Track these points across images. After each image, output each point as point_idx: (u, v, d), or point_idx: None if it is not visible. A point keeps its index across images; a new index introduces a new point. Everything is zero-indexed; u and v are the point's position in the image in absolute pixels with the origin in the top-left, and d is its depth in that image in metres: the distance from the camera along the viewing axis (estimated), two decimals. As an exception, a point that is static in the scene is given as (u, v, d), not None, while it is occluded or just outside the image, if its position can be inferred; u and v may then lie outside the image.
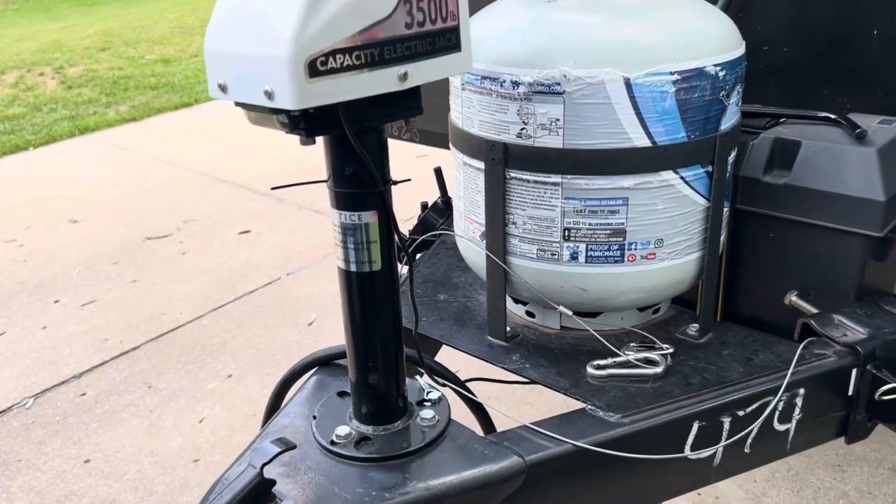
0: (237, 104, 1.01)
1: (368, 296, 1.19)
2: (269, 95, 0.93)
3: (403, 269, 1.94)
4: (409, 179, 1.18)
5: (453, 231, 1.70)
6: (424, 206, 2.14)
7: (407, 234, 2.06)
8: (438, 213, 2.10)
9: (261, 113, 1.00)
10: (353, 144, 1.04)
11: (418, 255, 2.00)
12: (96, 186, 5.92)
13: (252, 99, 0.96)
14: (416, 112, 1.10)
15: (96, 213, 5.39)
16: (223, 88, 1.00)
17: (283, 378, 1.49)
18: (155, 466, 2.99)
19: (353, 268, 1.17)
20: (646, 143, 1.35)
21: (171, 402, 3.35)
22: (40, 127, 7.37)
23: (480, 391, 1.56)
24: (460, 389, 1.43)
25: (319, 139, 1.07)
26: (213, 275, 4.43)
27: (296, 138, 1.00)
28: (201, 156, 6.45)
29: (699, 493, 2.67)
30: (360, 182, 1.11)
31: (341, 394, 1.36)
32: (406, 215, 2.22)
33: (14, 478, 2.98)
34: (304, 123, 0.99)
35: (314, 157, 1.19)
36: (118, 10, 14.76)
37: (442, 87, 1.60)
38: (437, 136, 2.30)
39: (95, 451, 3.09)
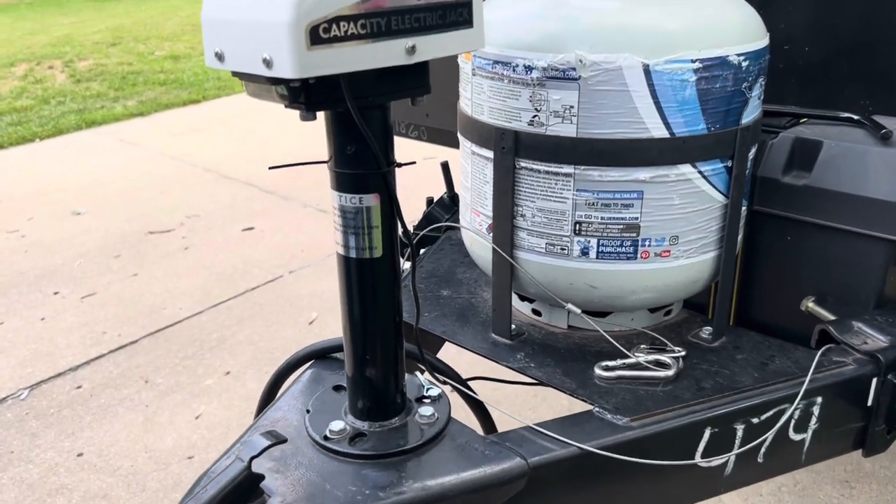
0: (234, 74, 0.95)
1: (368, 284, 1.13)
2: (268, 64, 0.87)
3: (406, 265, 1.89)
4: (413, 162, 1.12)
5: (460, 225, 1.64)
6: (430, 200, 2.09)
7: (411, 227, 2.00)
8: (444, 209, 2.05)
9: (259, 84, 0.94)
10: (357, 121, 0.98)
11: (422, 250, 1.94)
12: (101, 180, 5.90)
13: (250, 68, 0.90)
14: (424, 90, 1.05)
15: (100, 206, 5.36)
16: (220, 57, 0.94)
17: (277, 371, 1.44)
18: (149, 462, 2.94)
19: (352, 254, 1.11)
20: (664, 133, 1.29)
21: (168, 397, 3.31)
22: (47, 119, 7.35)
23: (482, 394, 1.50)
24: (461, 388, 1.37)
25: (321, 117, 1.01)
26: (214, 271, 4.39)
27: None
28: (207, 152, 6.42)
29: (703, 507, 2.60)
30: (362, 163, 1.05)
31: (337, 388, 1.30)
32: (412, 216, 2.17)
33: (5, 469, 2.94)
34: (305, 96, 0.94)
35: (322, 154, 1.13)
36: (130, 6, 14.81)
37: (452, 83, 1.55)
38: (446, 135, 2.25)
39: (89, 444, 3.05)
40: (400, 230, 1.13)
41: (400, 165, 1.09)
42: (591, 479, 1.22)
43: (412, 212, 2.21)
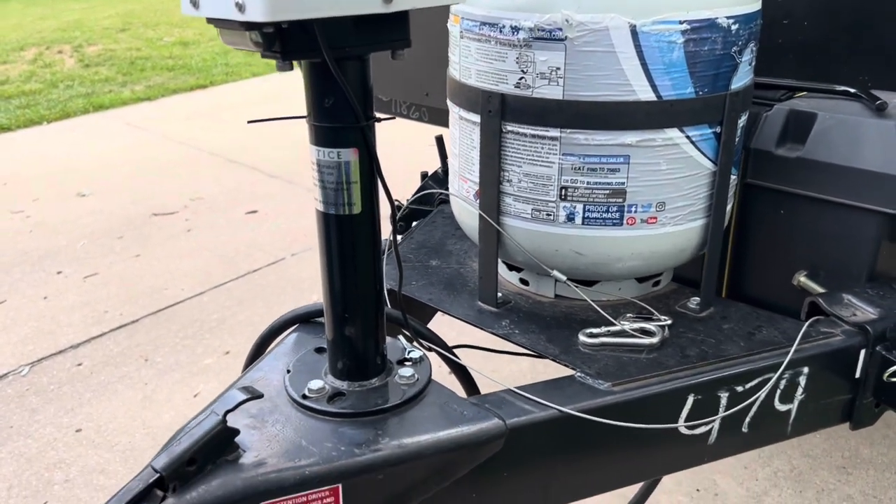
0: (209, 21, 0.95)
1: (347, 240, 1.12)
2: (241, 7, 0.87)
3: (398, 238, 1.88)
4: (392, 117, 1.11)
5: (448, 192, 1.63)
6: (424, 175, 2.08)
7: (405, 202, 2.00)
8: (438, 183, 2.04)
9: (234, 30, 0.93)
10: (333, 72, 0.97)
11: (414, 223, 1.93)
12: (107, 162, 5.92)
13: (223, 13, 0.89)
14: (404, 43, 1.04)
15: (105, 189, 5.39)
16: (194, 3, 0.93)
17: (261, 335, 1.43)
18: (146, 438, 2.96)
19: (331, 210, 1.11)
20: (650, 96, 1.27)
21: (167, 375, 3.32)
22: (56, 102, 7.39)
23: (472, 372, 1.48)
24: (444, 352, 1.36)
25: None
26: (216, 253, 4.40)
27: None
28: (213, 137, 6.43)
29: (698, 490, 2.59)
30: (340, 116, 1.04)
31: (319, 350, 1.30)
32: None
33: (4, 444, 2.96)
34: (280, 44, 0.93)
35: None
36: (141, -7, 14.83)
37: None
38: (448, 115, 2.23)
39: (88, 420, 3.07)
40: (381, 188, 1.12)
41: (379, 120, 1.08)
42: (572, 444, 1.22)
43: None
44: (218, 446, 1.03)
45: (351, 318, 1.17)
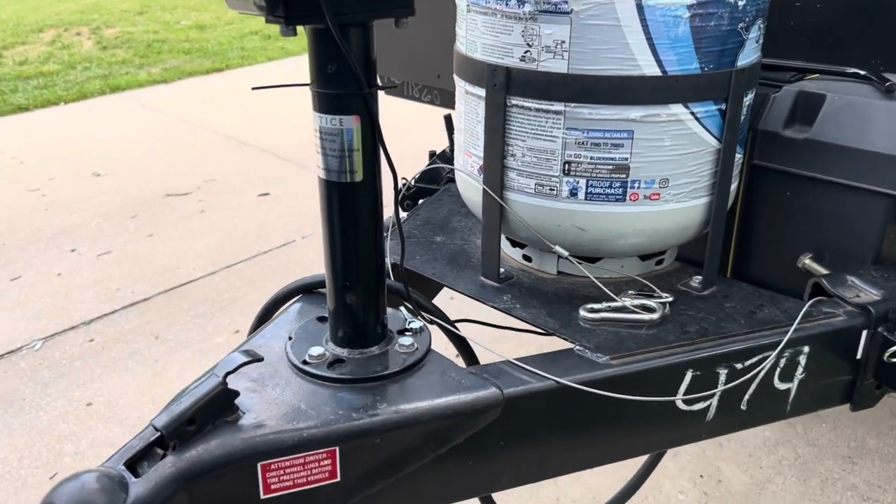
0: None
1: (348, 208, 1.13)
2: (244, -30, 0.87)
3: (403, 214, 1.89)
4: (395, 85, 1.11)
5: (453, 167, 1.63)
6: (432, 153, 2.08)
7: (412, 181, 2.01)
8: (445, 162, 2.04)
9: (238, -7, 0.94)
10: (336, 38, 0.98)
11: (421, 201, 1.94)
12: (122, 143, 5.97)
13: (228, -24, 0.90)
14: (407, 11, 1.04)
15: (120, 169, 5.43)
16: (200, -34, 0.94)
17: (265, 304, 1.45)
18: (155, 413, 2.99)
19: (333, 177, 1.12)
20: (655, 71, 1.27)
21: (177, 352, 3.36)
22: (73, 84, 7.44)
23: (475, 347, 1.49)
24: (445, 325, 1.37)
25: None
26: (228, 234, 4.43)
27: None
28: (228, 119, 6.46)
29: (701, 476, 2.60)
30: (342, 83, 1.05)
31: (321, 319, 1.31)
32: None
33: (17, 416, 3.01)
34: (283, 9, 0.94)
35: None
36: (159, -23, 14.85)
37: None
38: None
39: (98, 395, 3.11)
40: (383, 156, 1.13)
41: (382, 88, 1.09)
42: (569, 416, 1.22)
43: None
44: (218, 407, 1.05)
45: (352, 286, 1.18)
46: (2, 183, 5.22)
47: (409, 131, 3.98)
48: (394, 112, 3.39)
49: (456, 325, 1.41)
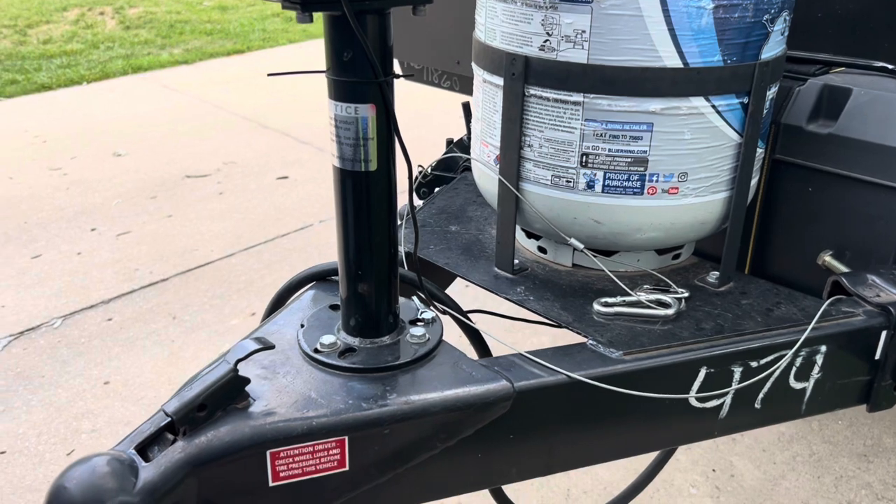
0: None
1: (362, 197, 1.13)
2: (260, -45, 0.86)
3: (419, 202, 1.88)
4: (411, 75, 1.10)
5: (469, 156, 1.62)
6: (449, 141, 2.07)
7: (429, 169, 2.00)
8: (463, 150, 2.03)
9: (254, -20, 0.93)
10: (352, 25, 0.97)
11: (437, 189, 1.93)
12: (143, 123, 5.99)
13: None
14: (424, -1, 1.03)
15: (140, 149, 5.46)
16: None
17: (278, 291, 1.45)
18: (171, 393, 3.01)
19: (347, 166, 1.11)
20: (677, 63, 1.25)
21: (194, 333, 3.38)
22: (95, 63, 7.48)
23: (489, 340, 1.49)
24: (458, 315, 1.37)
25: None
26: (247, 216, 4.45)
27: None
28: (248, 101, 6.47)
29: (714, 470, 2.58)
30: (358, 71, 1.04)
31: (333, 307, 1.31)
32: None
33: (36, 392, 3.04)
34: (300, -5, 0.93)
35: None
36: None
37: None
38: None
39: (116, 374, 3.14)
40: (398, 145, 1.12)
41: (398, 77, 1.08)
42: (579, 410, 1.22)
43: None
44: (228, 394, 1.05)
45: (364, 275, 1.18)
46: (25, 162, 5.26)
47: (433, 115, 3.96)
48: (420, 95, 3.36)
49: (469, 316, 1.40)
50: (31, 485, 2.59)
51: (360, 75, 1.04)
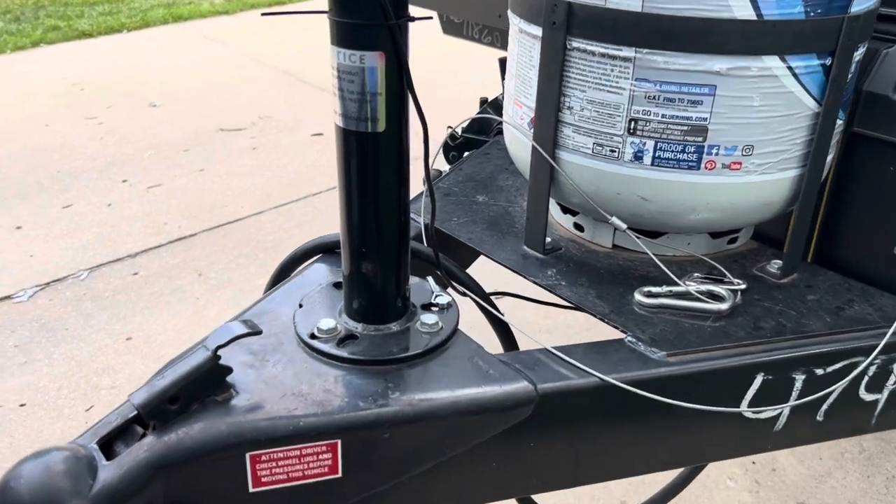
0: None
1: (368, 163, 0.97)
2: None
3: (445, 167, 1.71)
4: (430, 17, 0.93)
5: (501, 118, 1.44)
6: (483, 101, 1.88)
7: (459, 130, 1.82)
8: (498, 110, 1.84)
9: None
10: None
11: (466, 153, 1.75)
12: (181, 74, 5.93)
13: None
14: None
15: (176, 100, 5.39)
16: None
17: (282, 263, 1.31)
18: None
19: (351, 126, 0.95)
20: (749, 14, 1.05)
21: (219, 291, 3.32)
22: (136, 11, 7.40)
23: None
24: (481, 301, 1.20)
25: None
26: (279, 173, 4.35)
27: None
28: (288, 55, 6.33)
29: (753, 462, 2.41)
30: (365, 11, 0.87)
31: (338, 285, 1.16)
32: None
33: (59, 345, 3.02)
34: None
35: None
36: None
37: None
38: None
39: (138, 330, 3.10)
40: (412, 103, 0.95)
41: (413, 19, 0.91)
42: (612, 419, 1.05)
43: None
44: (206, 384, 0.92)
45: (369, 253, 1.02)
46: (62, 109, 5.24)
47: (466, 72, 3.76)
48: (461, 50, 3.18)
49: (494, 301, 1.24)
50: (49, 440, 2.56)
51: (366, 16, 0.87)
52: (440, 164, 1.85)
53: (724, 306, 1.16)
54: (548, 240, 1.32)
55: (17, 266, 3.49)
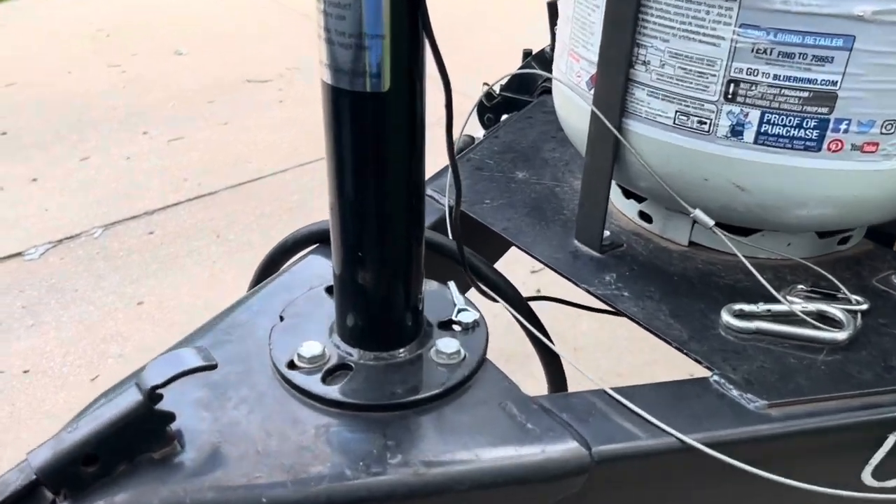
0: None
1: (366, 134, 0.68)
2: None
3: (479, 134, 1.43)
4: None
5: (551, 75, 1.14)
6: (527, 53, 1.58)
7: (497, 87, 1.52)
8: (544, 65, 1.53)
9: None
10: None
11: (504, 116, 1.46)
12: (208, 20, 5.72)
13: None
14: None
15: (202, 48, 5.17)
16: None
17: (268, 255, 1.05)
18: (206, 320, 2.79)
19: (343, 83, 0.66)
20: (916, -68, 0.74)
21: (237, 254, 3.15)
22: (166, -47, 7.12)
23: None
24: (519, 317, 0.93)
25: None
26: (305, 128, 4.13)
27: None
28: (320, 2, 6.04)
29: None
30: (358, -87, 0.59)
31: (331, 290, 0.89)
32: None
33: (68, 307, 2.88)
34: None
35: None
36: None
37: None
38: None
39: (151, 294, 2.94)
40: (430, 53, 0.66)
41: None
42: (688, 489, 0.78)
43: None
44: (137, 437, 0.66)
45: (368, 253, 0.74)
46: (87, 56, 5.07)
47: (506, 20, 3.44)
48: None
49: (537, 317, 0.96)
50: (51, 410, 2.42)
51: (360, -79, 0.59)
52: (474, 128, 1.56)
53: (841, 336, 0.86)
54: (606, 233, 1.03)
55: (30, 220, 3.34)
